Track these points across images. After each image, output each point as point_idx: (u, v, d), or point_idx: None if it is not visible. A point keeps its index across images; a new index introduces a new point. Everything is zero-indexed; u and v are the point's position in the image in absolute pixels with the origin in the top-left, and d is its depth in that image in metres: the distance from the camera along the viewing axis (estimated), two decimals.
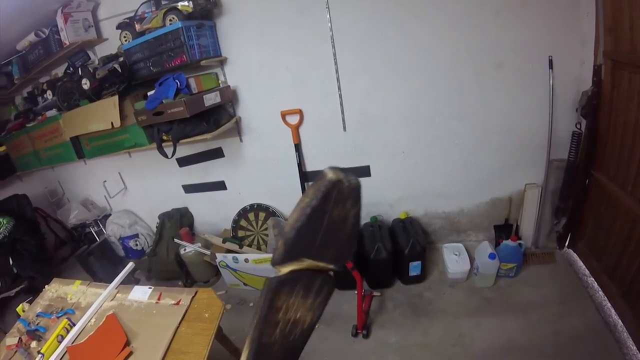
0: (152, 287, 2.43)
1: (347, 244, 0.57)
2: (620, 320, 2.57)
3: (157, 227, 4.14)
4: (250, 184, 3.77)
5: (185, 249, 3.73)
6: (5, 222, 4.28)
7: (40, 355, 2.20)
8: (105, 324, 2.29)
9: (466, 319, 2.81)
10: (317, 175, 0.55)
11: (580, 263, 3.05)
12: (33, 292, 4.07)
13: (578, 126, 2.82)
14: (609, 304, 2.69)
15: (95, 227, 4.58)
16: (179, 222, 4.05)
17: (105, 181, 4.31)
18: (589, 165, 2.89)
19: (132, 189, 4.36)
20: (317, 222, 0.54)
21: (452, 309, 2.94)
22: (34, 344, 2.42)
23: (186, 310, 2.18)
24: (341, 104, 3.12)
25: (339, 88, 3.06)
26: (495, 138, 3.05)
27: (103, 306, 2.48)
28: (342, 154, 3.34)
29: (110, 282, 2.59)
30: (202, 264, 3.76)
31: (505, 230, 3.28)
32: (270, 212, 3.72)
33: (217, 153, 3.67)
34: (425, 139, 3.14)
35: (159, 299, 2.33)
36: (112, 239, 4.43)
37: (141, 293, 2.43)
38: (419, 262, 3.11)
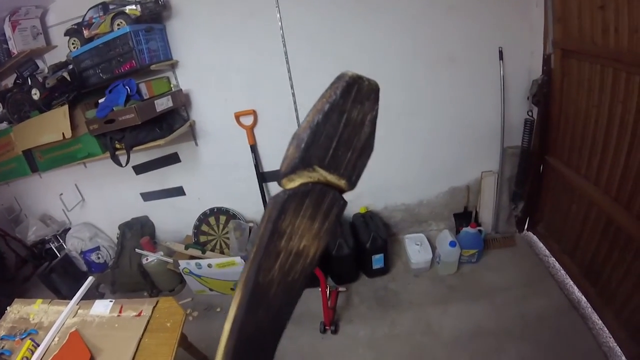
0: (113, 300, 2.35)
1: (362, 155, 0.48)
2: (583, 297, 2.63)
3: (117, 238, 4.00)
4: (209, 188, 3.69)
5: (147, 259, 3.60)
6: None
7: None
8: (69, 342, 2.20)
9: (433, 308, 2.82)
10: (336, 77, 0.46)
11: (541, 245, 3.14)
12: None
13: (530, 114, 2.91)
14: (571, 282, 2.77)
15: (56, 243, 4.39)
16: (139, 231, 3.92)
17: (61, 194, 4.12)
18: (543, 151, 2.97)
19: (90, 200, 4.19)
20: (334, 122, 0.47)
21: (418, 298, 2.95)
22: None
23: (148, 321, 2.11)
24: (294, 102, 3.09)
25: (292, 87, 3.03)
26: (451, 129, 3.08)
27: (65, 324, 2.38)
28: None
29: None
30: (166, 272, 3.65)
31: (464, 217, 3.33)
32: (230, 215, 3.65)
33: (173, 158, 3.57)
34: (382, 134, 3.03)
35: (120, 311, 2.26)
36: (73, 254, 4.25)
37: (102, 307, 2.35)
38: (382, 255, 3.12)
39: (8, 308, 2.79)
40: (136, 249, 3.64)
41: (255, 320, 0.51)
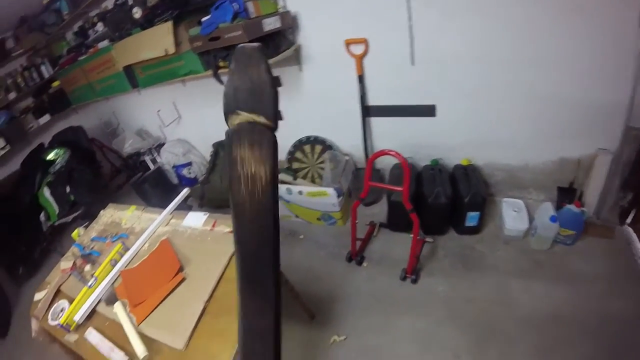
0: (207, 214, 2.27)
1: (270, 100, 0.68)
2: None
3: (211, 155, 3.98)
4: (308, 116, 3.44)
5: None
6: (62, 153, 4.32)
7: (93, 279, 2.11)
8: (159, 249, 2.17)
9: (515, 280, 2.54)
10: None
11: (639, 244, 2.62)
12: (89, 218, 4.01)
13: None
14: None
15: (150, 156, 4.45)
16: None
17: (159, 110, 4.10)
18: None
19: (187, 118, 4.16)
20: (241, 80, 0.65)
21: (504, 266, 2.67)
22: (87, 267, 2.35)
23: None
24: (411, 35, 2.67)
25: (410, 18, 2.61)
26: (571, 92, 2.53)
27: (157, 232, 2.35)
28: (408, 90, 2.93)
29: (164, 208, 2.46)
30: None
31: (568, 193, 2.86)
32: (326, 146, 3.46)
33: (274, 82, 3.23)
34: (496, 83, 2.67)
35: (213, 226, 2.17)
36: (166, 167, 4.27)
37: (196, 219, 2.27)
38: (478, 213, 2.80)
39: (102, 212, 2.87)
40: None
41: (244, 233, 0.64)
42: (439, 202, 2.76)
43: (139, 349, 1.65)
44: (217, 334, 1.61)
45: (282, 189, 3.23)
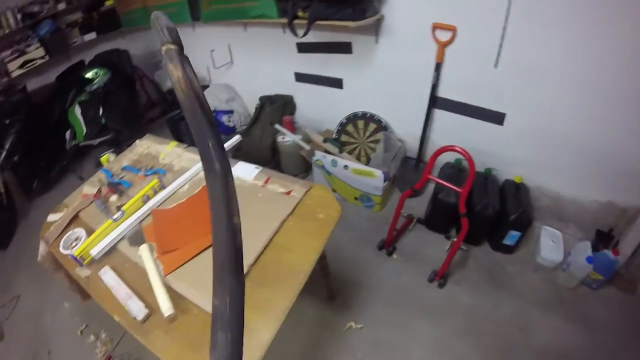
0: (260, 168, 1.99)
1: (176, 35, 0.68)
2: None
3: (256, 108, 3.67)
4: (370, 91, 3.11)
5: (283, 137, 3.28)
6: (102, 74, 4.09)
7: (120, 212, 1.84)
8: (200, 196, 1.88)
9: (536, 309, 2.40)
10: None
11: None
12: (116, 145, 3.94)
13: None
14: None
15: None
16: (281, 108, 3.53)
17: (213, 50, 3.77)
18: None
19: (238, 64, 3.86)
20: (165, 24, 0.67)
21: (528, 293, 2.51)
22: (113, 197, 2.08)
23: (297, 204, 1.71)
24: (502, 37, 2.33)
25: (506, 19, 2.25)
26: None
27: (199, 175, 2.05)
28: (483, 91, 2.62)
29: (197, 150, 2.09)
30: (296, 157, 3.30)
31: (605, 238, 2.62)
32: (381, 126, 3.13)
33: (344, 48, 3.00)
34: (575, 109, 2.31)
35: (266, 182, 1.88)
36: None
37: (247, 171, 1.98)
38: (519, 234, 2.58)
39: (138, 141, 2.59)
40: (275, 125, 3.30)
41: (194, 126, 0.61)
42: (486, 213, 2.53)
43: (165, 304, 1.38)
44: (257, 305, 1.35)
45: (327, 159, 2.95)
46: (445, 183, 2.29)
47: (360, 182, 2.88)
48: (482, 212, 2.52)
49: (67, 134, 4.02)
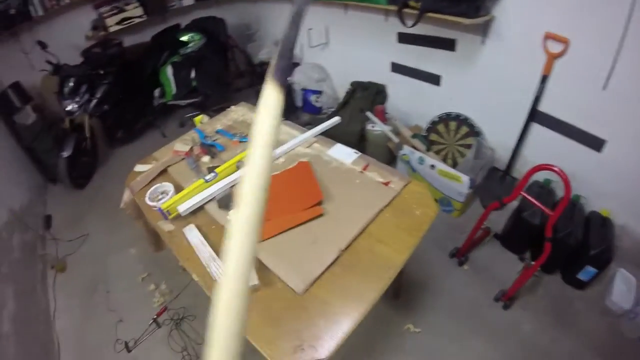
0: (359, 153, 1.89)
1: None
2: None
3: (347, 92, 3.59)
4: (468, 93, 2.93)
5: (373, 126, 3.16)
6: (197, 39, 4.14)
7: (212, 174, 1.82)
8: (297, 170, 1.83)
9: (595, 354, 2.20)
10: None
11: None
12: (202, 108, 4.05)
13: None
14: None
15: None
16: (372, 96, 3.40)
17: (310, 29, 3.70)
18: None
19: (334, 46, 3.79)
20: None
21: (590, 335, 2.29)
22: (205, 158, 2.09)
23: (395, 197, 1.62)
24: (616, 58, 2.08)
25: (623, 37, 2.00)
26: None
27: (296, 150, 2.01)
28: (585, 112, 2.38)
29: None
30: (382, 147, 3.18)
31: None
32: (474, 131, 2.96)
33: (447, 44, 2.84)
34: None
35: (364, 168, 1.79)
36: (295, 87, 3.97)
37: (345, 154, 1.91)
38: (595, 271, 2.35)
39: (233, 107, 2.60)
40: (367, 112, 3.19)
41: None
42: (568, 242, 2.33)
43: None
44: (344, 294, 1.29)
45: (414, 155, 2.84)
46: (537, 203, 2.14)
47: (444, 184, 2.75)
48: (564, 239, 2.33)
49: (156, 92, 4.15)
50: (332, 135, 3.19)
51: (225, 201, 1.70)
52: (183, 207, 1.70)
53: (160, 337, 2.44)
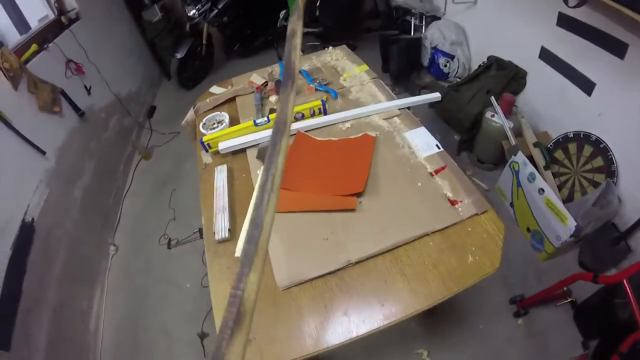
0: (441, 148, 1.46)
1: None
2: None
3: (480, 65, 3.04)
4: (622, 117, 2.13)
5: (493, 115, 2.60)
6: None
7: (266, 118, 1.63)
8: (358, 142, 1.52)
9: None
10: None
11: None
12: (322, 40, 3.99)
13: None
14: None
15: (417, 21, 3.65)
16: (506, 79, 2.80)
17: None
18: None
19: (482, 9, 3.15)
20: None
21: None
22: (273, 98, 1.89)
23: (454, 224, 1.21)
24: None
25: None
26: None
27: (371, 118, 1.66)
28: None
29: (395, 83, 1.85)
30: (495, 143, 2.65)
31: None
32: (609, 168, 2.21)
33: (615, 47, 2.05)
34: None
35: (437, 171, 1.37)
36: (426, 43, 3.49)
37: (423, 143, 1.49)
38: None
39: (330, 49, 2.30)
40: (492, 97, 2.64)
41: None
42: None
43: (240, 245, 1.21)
44: (323, 315, 1.04)
45: (526, 168, 2.29)
46: (635, 305, 1.60)
47: (545, 217, 2.19)
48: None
49: (282, 13, 4.07)
50: (447, 111, 2.78)
51: (264, 153, 1.49)
52: (223, 145, 1.55)
53: (198, 247, 2.56)
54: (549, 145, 2.53)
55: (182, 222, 2.82)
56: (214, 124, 1.75)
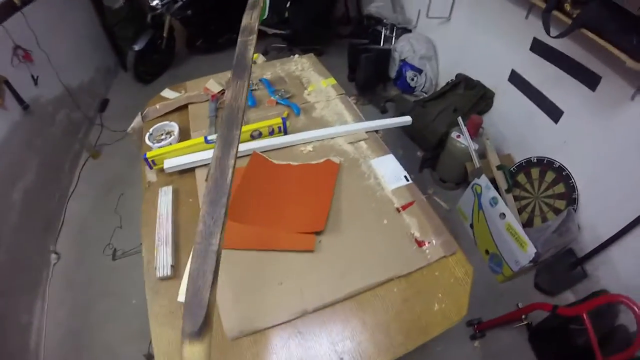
0: (410, 181, 1.36)
1: None
2: None
3: (448, 83, 2.99)
4: (587, 147, 2.12)
5: (458, 136, 2.54)
6: None
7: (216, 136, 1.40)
8: (319, 169, 1.39)
9: None
10: None
11: None
12: (289, 43, 3.94)
13: None
14: None
15: (387, 32, 3.56)
16: (474, 99, 2.75)
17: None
18: None
19: (455, 26, 3.09)
20: None
21: None
22: None
23: (420, 268, 1.11)
24: None
25: None
26: None
27: (335, 141, 1.53)
28: None
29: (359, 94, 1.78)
30: (459, 164, 2.59)
31: None
32: (570, 196, 2.20)
33: (587, 78, 2.01)
34: None
35: (404, 207, 1.26)
36: (394, 55, 3.42)
37: (391, 173, 1.38)
38: None
39: (295, 57, 2.13)
40: (459, 117, 2.56)
41: None
42: None
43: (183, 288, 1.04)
44: None
45: (489, 193, 2.26)
46: (593, 336, 1.55)
47: (505, 242, 2.16)
48: None
49: None
50: (412, 128, 2.68)
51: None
52: (169, 164, 1.37)
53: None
54: (511, 169, 2.52)
55: (129, 231, 2.61)
56: (162, 134, 1.57)
